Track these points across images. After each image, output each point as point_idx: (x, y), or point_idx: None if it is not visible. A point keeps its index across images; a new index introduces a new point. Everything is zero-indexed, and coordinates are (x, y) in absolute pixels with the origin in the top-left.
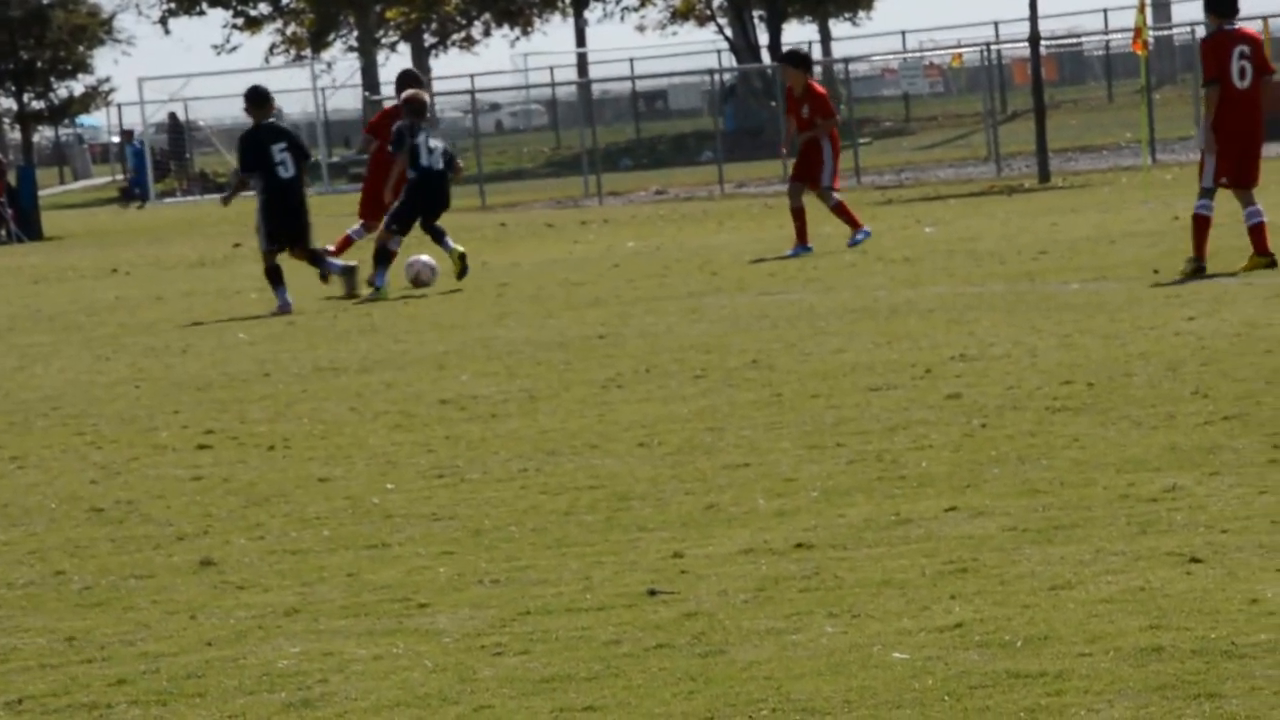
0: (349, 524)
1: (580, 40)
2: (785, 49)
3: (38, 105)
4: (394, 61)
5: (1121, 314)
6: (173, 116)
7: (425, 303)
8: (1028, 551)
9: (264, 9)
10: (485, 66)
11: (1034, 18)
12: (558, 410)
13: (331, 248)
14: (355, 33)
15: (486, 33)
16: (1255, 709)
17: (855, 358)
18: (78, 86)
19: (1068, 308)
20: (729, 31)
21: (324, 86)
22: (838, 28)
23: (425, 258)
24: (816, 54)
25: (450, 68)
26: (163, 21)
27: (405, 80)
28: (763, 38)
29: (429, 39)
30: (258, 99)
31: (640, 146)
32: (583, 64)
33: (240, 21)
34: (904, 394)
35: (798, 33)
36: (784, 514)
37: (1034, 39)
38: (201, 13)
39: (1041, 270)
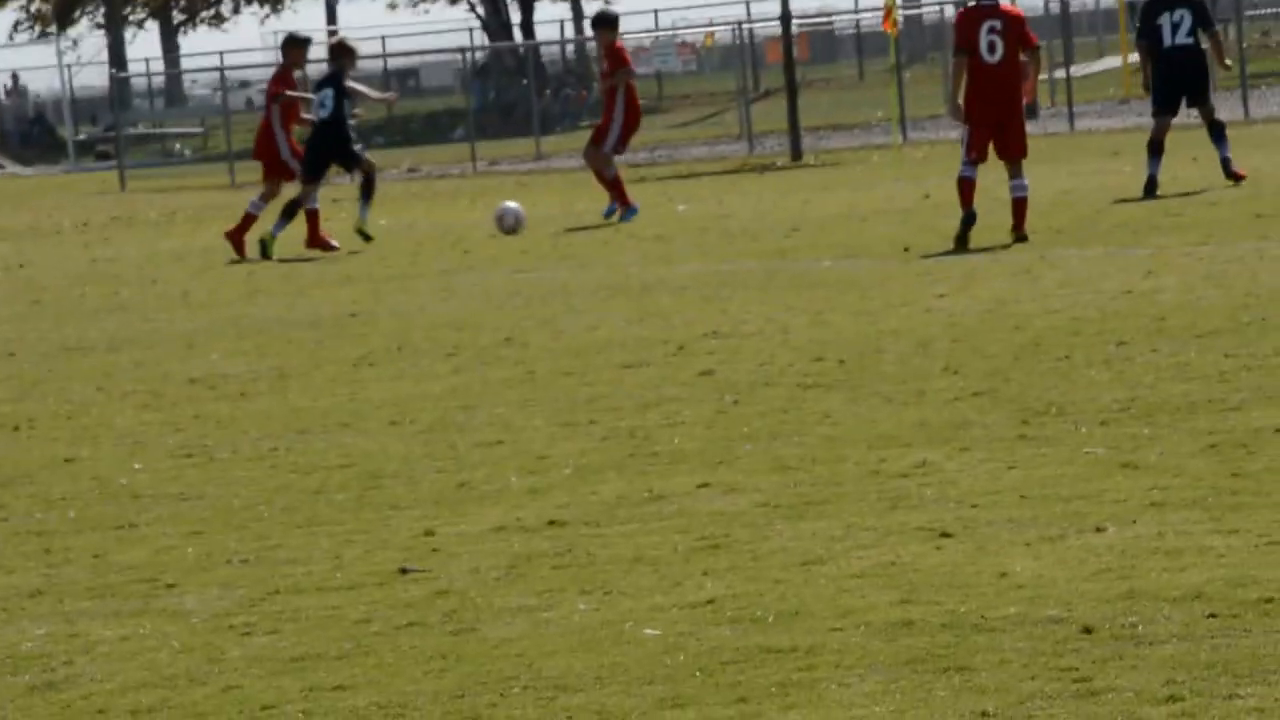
0: (95, 504)
1: (331, 18)
2: (594, 13)
3: None
4: (141, 39)
5: (873, 291)
6: None
7: (175, 280)
8: (779, 527)
9: None
10: (235, 44)
11: None
12: (308, 389)
13: (233, 229)
14: (102, 9)
15: (236, 10)
16: (1004, 681)
17: (608, 335)
18: None
19: (820, 285)
20: (481, 10)
21: (70, 64)
22: (590, 5)
23: (513, 204)
24: (569, 32)
25: (199, 45)
26: None
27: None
28: (515, 15)
29: (177, 16)
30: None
31: (392, 124)
32: None
33: None
34: (657, 371)
35: (549, 11)
36: (536, 491)
37: (785, 18)
38: None
39: (793, 248)
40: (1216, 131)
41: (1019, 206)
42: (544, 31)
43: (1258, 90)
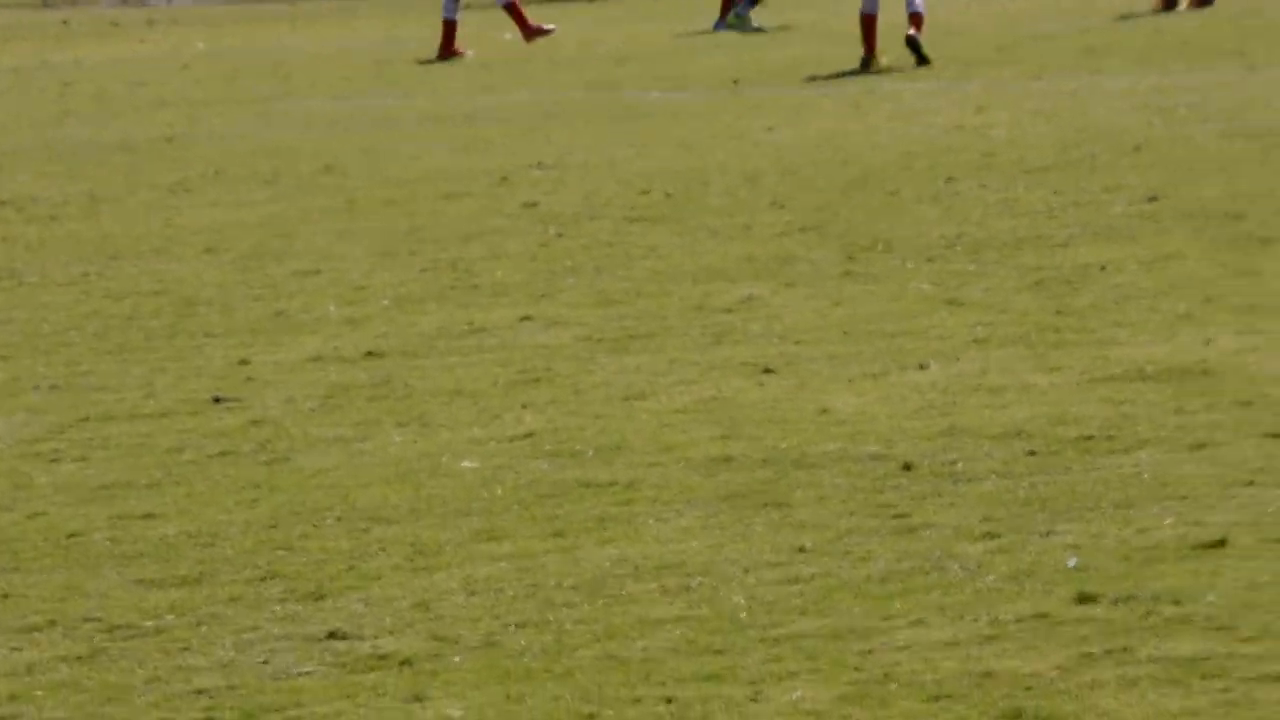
0: None
1: None
2: None
3: None
4: None
5: (700, 124)
6: None
7: None
8: (602, 361)
9: None
10: None
11: None
12: (122, 214)
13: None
14: None
15: None
16: (823, 517)
17: (431, 165)
18: None
19: (647, 116)
20: None
21: None
22: None
23: None
24: None
25: None
26: None
27: None
28: None
29: None
30: None
31: None
32: None
33: None
34: (479, 202)
35: None
36: (354, 322)
37: None
38: None
39: (621, 79)
40: None
41: (912, 20)
42: None
43: None
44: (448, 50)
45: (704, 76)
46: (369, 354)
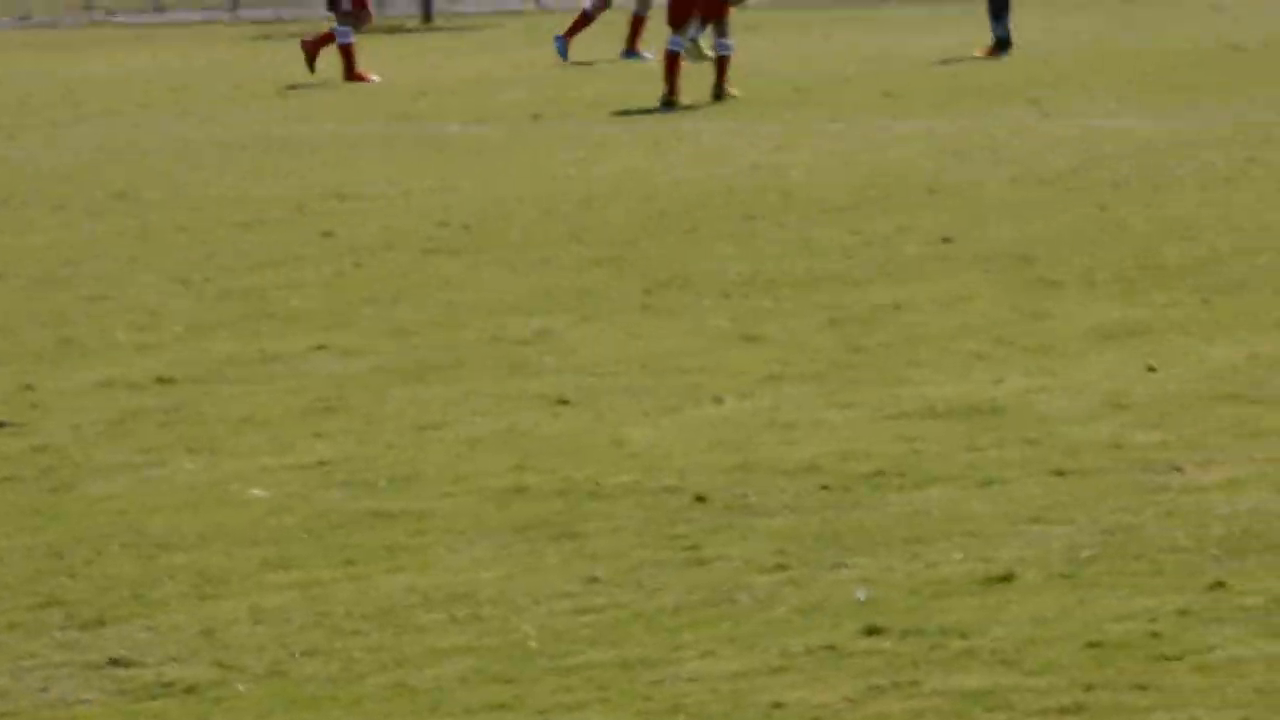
0: None
1: None
2: None
3: None
4: None
5: (501, 157)
6: None
7: None
8: (396, 392)
9: None
10: None
11: None
12: None
13: None
14: None
15: None
16: (616, 548)
17: (227, 191)
18: None
19: (447, 149)
20: None
21: None
22: None
23: None
24: None
25: None
26: None
27: None
28: None
29: None
30: None
31: None
32: None
33: None
34: (276, 230)
35: None
36: (146, 348)
37: None
38: None
39: (421, 111)
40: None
41: (718, 64)
42: None
43: None
44: (352, 74)
45: (505, 111)
46: (159, 380)
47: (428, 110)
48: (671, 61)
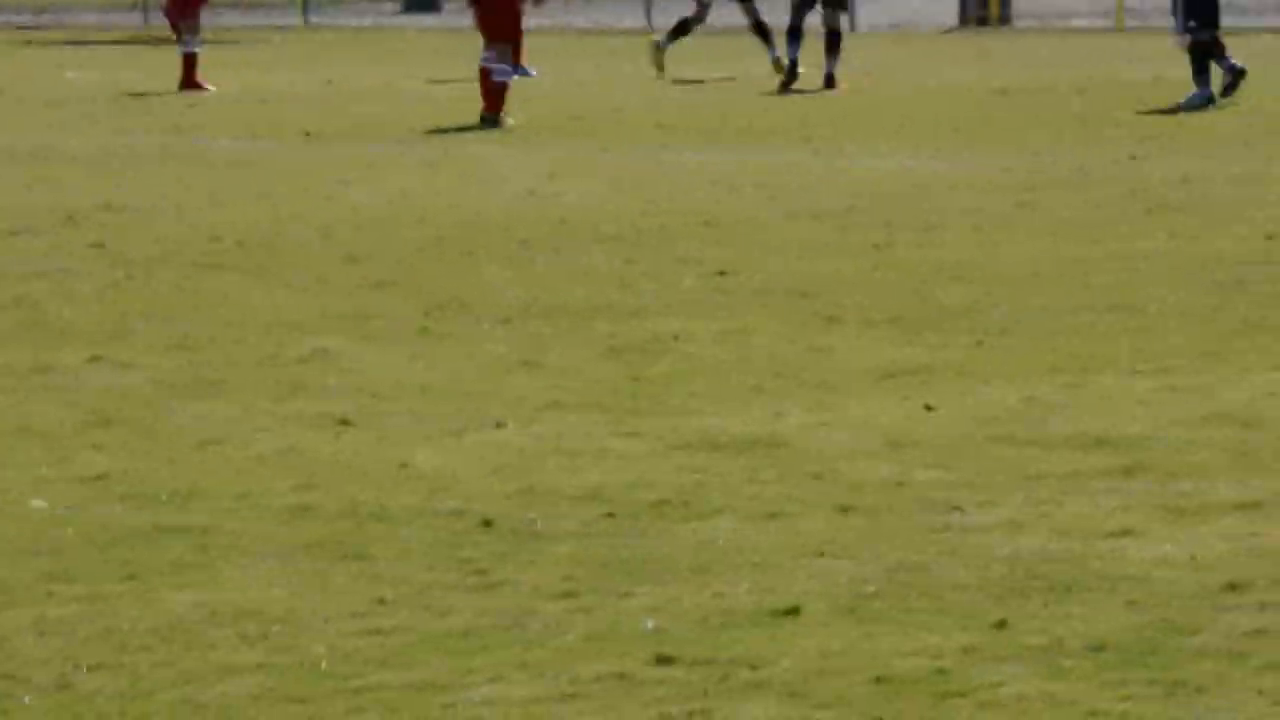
0: None
1: None
2: None
3: None
4: None
5: (273, 174)
6: None
7: None
8: (175, 406)
9: None
10: None
11: None
12: None
13: None
14: None
15: None
16: (403, 571)
17: None
18: None
19: (218, 164)
20: None
21: None
22: None
23: None
24: None
25: None
26: None
27: None
28: None
29: None
30: None
31: None
32: None
33: None
34: (46, 241)
35: None
36: None
37: None
38: None
39: (191, 125)
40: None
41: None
42: None
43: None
44: (190, 82)
45: (275, 128)
46: None
47: (198, 123)
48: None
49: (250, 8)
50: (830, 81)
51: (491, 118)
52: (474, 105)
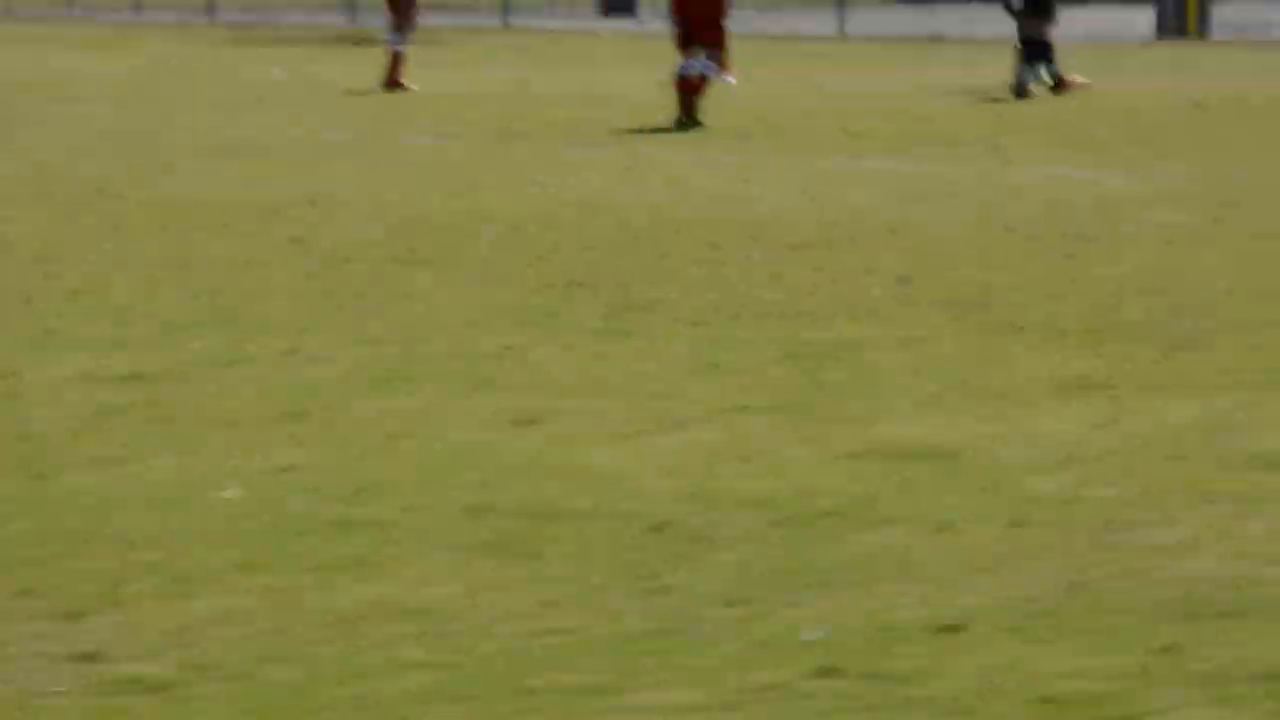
0: None
1: None
2: None
3: None
4: None
5: (470, 172)
6: None
7: None
8: (363, 400)
9: None
10: None
11: None
12: None
13: None
14: None
15: None
16: (574, 572)
17: (201, 195)
18: None
19: (415, 161)
20: None
21: None
22: None
23: None
24: None
25: None
26: None
27: None
28: None
29: None
30: None
31: None
32: None
33: None
34: (247, 234)
35: None
36: (121, 344)
37: None
38: None
39: (392, 122)
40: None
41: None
42: None
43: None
44: (393, 81)
45: (475, 126)
46: (135, 376)
47: (399, 121)
48: (683, 84)
49: (454, 10)
50: (1060, 84)
51: (689, 121)
52: (667, 109)
